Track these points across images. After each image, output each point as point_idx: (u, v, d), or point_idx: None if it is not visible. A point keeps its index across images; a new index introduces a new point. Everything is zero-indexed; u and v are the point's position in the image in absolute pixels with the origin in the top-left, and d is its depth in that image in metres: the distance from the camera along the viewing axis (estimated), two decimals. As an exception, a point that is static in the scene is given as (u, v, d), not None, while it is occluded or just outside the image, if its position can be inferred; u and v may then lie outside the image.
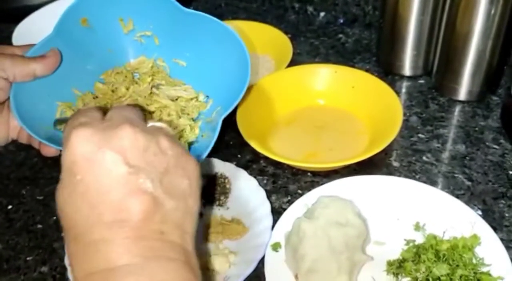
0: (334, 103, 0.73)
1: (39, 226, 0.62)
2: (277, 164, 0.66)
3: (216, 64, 0.60)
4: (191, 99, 0.61)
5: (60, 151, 0.54)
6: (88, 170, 0.34)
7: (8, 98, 0.52)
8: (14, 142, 0.72)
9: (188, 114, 0.59)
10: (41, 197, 0.66)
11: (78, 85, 0.59)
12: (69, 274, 0.54)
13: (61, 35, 0.55)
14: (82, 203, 0.34)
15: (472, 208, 0.58)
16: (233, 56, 0.58)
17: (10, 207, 0.65)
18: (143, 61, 0.63)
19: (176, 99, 0.61)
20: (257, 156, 0.68)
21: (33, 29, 0.85)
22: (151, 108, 0.59)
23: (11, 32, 0.86)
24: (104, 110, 0.40)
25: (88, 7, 0.57)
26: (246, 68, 0.56)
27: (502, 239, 0.53)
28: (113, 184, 0.34)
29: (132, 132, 0.35)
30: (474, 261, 0.52)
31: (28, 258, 0.58)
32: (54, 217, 0.63)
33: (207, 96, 0.61)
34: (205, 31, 0.59)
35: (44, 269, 0.57)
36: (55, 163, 0.69)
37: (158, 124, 0.40)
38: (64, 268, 0.55)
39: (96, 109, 0.40)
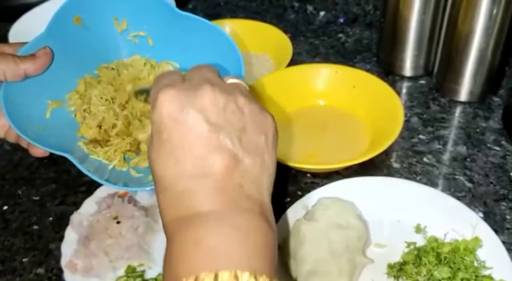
0: (334, 103, 0.73)
1: (35, 227, 0.61)
2: (277, 165, 0.65)
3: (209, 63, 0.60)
4: None
5: (50, 153, 0.54)
6: (173, 128, 0.37)
7: None
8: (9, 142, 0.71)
9: None
10: (37, 198, 0.65)
11: (69, 83, 0.59)
12: (65, 277, 0.53)
13: (53, 33, 0.55)
14: (169, 159, 0.37)
15: (473, 210, 0.57)
16: (227, 60, 0.58)
17: (5, 207, 0.64)
18: (137, 59, 0.63)
19: None
20: (256, 157, 0.67)
21: (30, 27, 0.84)
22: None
23: (8, 30, 0.85)
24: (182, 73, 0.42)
25: (82, 5, 0.57)
26: (239, 72, 0.56)
27: (503, 242, 0.53)
28: (196, 141, 0.37)
29: (212, 91, 0.38)
30: (475, 264, 0.51)
31: (24, 260, 0.58)
32: (50, 218, 0.62)
33: None
34: (199, 33, 0.59)
35: (40, 270, 0.56)
36: (52, 163, 0.69)
37: (235, 80, 0.42)
38: (60, 270, 0.54)
39: (175, 72, 0.42)
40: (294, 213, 0.56)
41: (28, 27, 0.85)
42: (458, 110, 0.74)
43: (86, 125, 0.58)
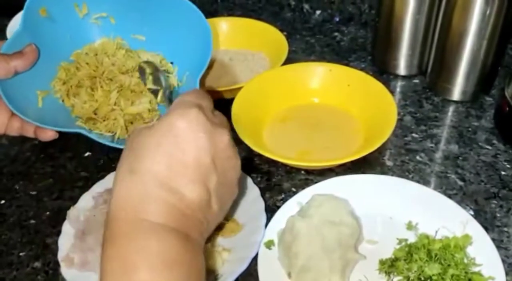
0: (329, 102, 0.74)
1: (32, 221, 0.62)
2: (271, 162, 0.66)
3: (175, 33, 0.63)
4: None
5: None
6: (184, 139, 0.40)
7: None
8: (6, 136, 0.72)
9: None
10: (34, 192, 0.65)
11: (50, 72, 0.62)
12: (62, 271, 0.54)
13: (27, 26, 0.58)
14: (162, 157, 0.39)
15: (464, 208, 0.58)
16: (190, 23, 0.61)
17: (3, 202, 0.64)
18: (106, 42, 0.65)
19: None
20: (251, 154, 0.68)
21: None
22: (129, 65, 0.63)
23: (5, 25, 0.85)
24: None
25: None
26: (206, 31, 0.59)
27: (493, 239, 0.54)
28: (193, 164, 0.40)
29: (229, 140, 0.43)
30: (465, 260, 0.52)
31: (21, 254, 0.58)
32: (47, 212, 0.63)
33: (172, 62, 0.65)
34: (159, 3, 0.61)
35: (37, 264, 0.57)
36: (48, 158, 0.69)
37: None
38: (57, 264, 0.55)
39: (210, 98, 0.46)
40: (288, 209, 0.57)
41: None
42: (450, 109, 0.75)
43: (79, 106, 0.60)
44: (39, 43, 0.58)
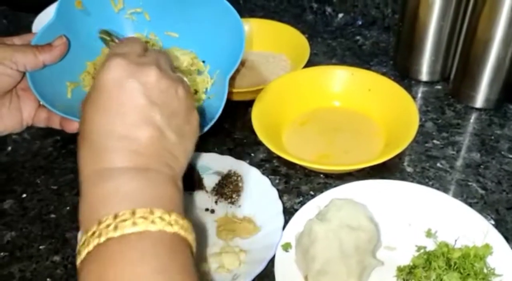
0: (349, 105, 0.73)
1: (53, 215, 0.63)
2: (290, 164, 0.66)
3: (208, 31, 0.62)
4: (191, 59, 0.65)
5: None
6: (114, 92, 0.42)
7: (16, 85, 0.55)
8: (29, 130, 0.73)
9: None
10: (55, 187, 0.66)
11: (80, 65, 0.61)
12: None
13: (61, 18, 0.58)
14: (102, 117, 0.41)
15: (485, 217, 0.57)
16: (224, 21, 0.60)
17: (24, 195, 0.65)
18: (140, 38, 0.64)
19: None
20: (270, 156, 0.68)
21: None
22: None
23: (31, 21, 0.86)
24: (145, 46, 0.47)
25: None
26: (240, 30, 0.59)
27: (514, 250, 0.53)
28: (131, 109, 0.41)
29: (159, 74, 0.43)
30: (485, 270, 0.52)
31: (40, 247, 0.59)
32: (68, 207, 0.63)
33: (204, 61, 0.64)
34: (195, 0, 0.61)
35: (56, 258, 0.58)
36: (70, 153, 0.70)
37: (183, 77, 0.48)
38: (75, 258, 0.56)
39: (139, 43, 0.47)
40: (306, 212, 0.57)
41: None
42: (473, 117, 0.74)
43: None
44: (72, 35, 0.58)
